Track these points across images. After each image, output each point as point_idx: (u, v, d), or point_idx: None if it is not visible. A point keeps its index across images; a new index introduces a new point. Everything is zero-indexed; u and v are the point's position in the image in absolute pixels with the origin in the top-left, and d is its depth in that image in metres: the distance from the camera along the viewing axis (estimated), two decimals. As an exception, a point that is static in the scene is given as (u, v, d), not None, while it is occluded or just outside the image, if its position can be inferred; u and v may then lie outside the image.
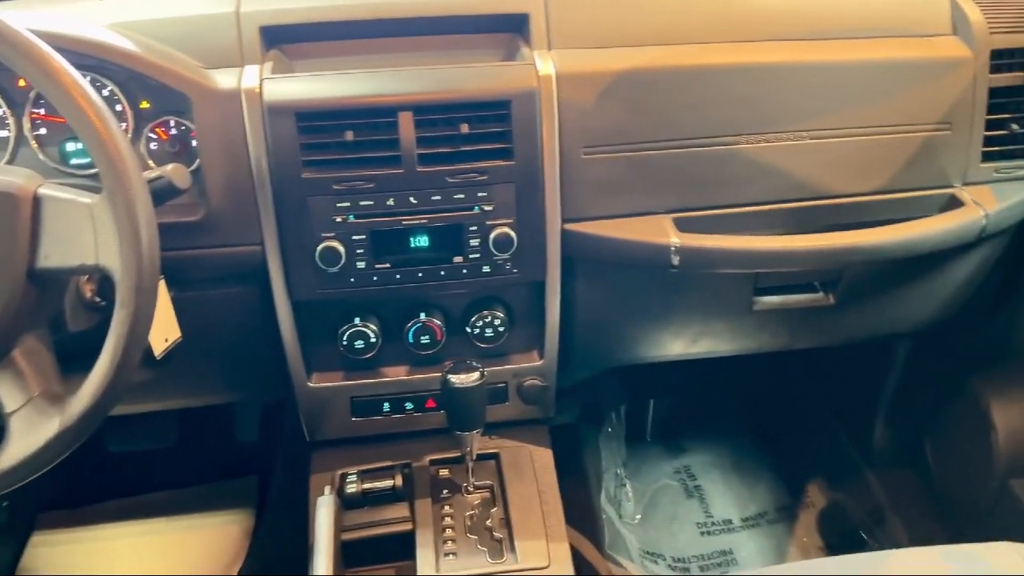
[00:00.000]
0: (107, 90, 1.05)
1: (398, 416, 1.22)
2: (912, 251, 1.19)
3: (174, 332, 1.07)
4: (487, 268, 1.11)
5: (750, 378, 1.94)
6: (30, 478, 0.83)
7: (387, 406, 1.21)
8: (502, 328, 1.17)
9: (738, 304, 1.27)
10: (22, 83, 1.06)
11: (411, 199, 1.05)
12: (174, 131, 1.08)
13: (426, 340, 1.16)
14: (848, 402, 1.81)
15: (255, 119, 1.02)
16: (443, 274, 1.10)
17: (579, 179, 1.11)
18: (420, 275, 1.10)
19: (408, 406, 1.21)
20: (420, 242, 1.08)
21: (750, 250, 1.15)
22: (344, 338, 1.13)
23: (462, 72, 1.06)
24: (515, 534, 1.10)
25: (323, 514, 1.06)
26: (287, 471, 1.65)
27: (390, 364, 1.20)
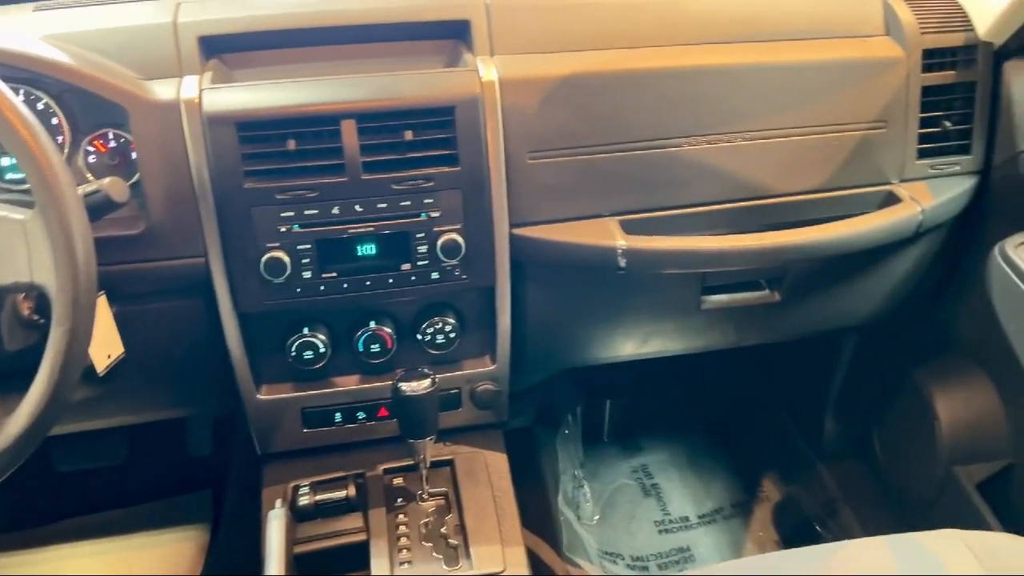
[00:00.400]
0: (42, 103, 1.03)
1: (350, 426, 1.21)
2: (852, 247, 1.22)
3: (117, 348, 1.05)
4: (436, 275, 1.11)
5: (704, 376, 1.97)
6: None
7: (339, 416, 1.20)
8: (453, 334, 1.17)
9: (686, 303, 1.29)
10: None
11: (356, 207, 1.05)
12: (113, 143, 1.06)
13: (376, 348, 1.15)
14: (799, 397, 1.84)
15: (195, 130, 1.00)
16: (391, 282, 1.10)
17: (525, 184, 1.12)
18: (368, 283, 1.09)
19: (360, 415, 1.20)
20: (367, 250, 1.08)
21: (695, 250, 1.16)
22: (293, 349, 1.12)
23: (405, 79, 1.06)
24: (470, 540, 1.10)
25: (274, 528, 1.04)
26: (241, 484, 1.63)
27: (341, 374, 1.19)
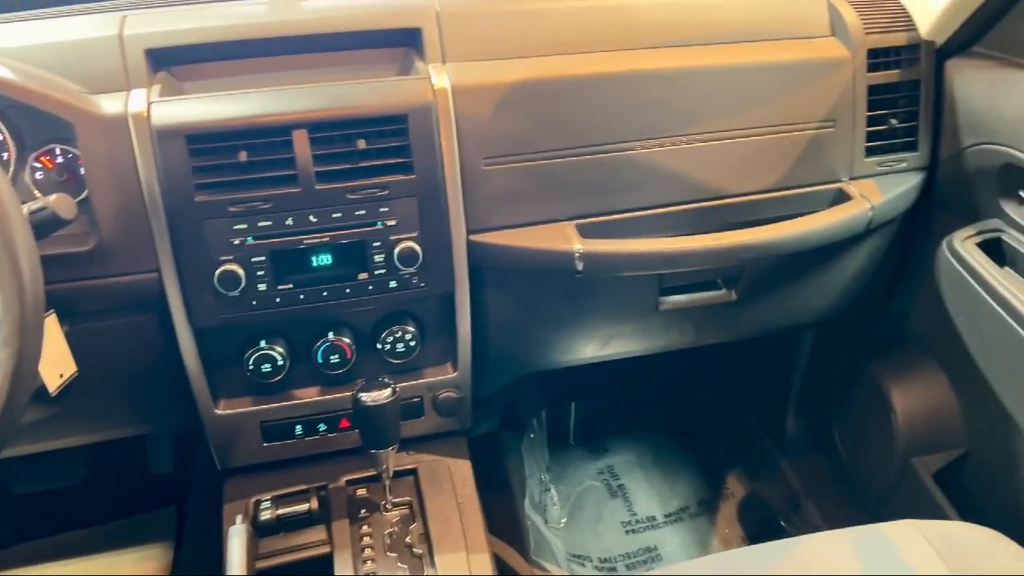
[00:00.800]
0: None
1: (311, 438, 1.20)
2: (805, 245, 1.23)
3: (69, 367, 1.04)
4: (394, 283, 1.10)
5: (668, 376, 1.98)
6: None
7: (299, 429, 1.19)
8: (413, 343, 1.16)
9: (645, 305, 1.30)
10: None
11: (311, 217, 1.04)
12: (60, 159, 1.04)
13: (336, 359, 1.14)
14: (761, 395, 1.86)
15: (144, 144, 0.99)
16: (349, 292, 1.09)
17: (481, 190, 1.12)
18: (325, 294, 1.08)
19: (321, 427, 1.19)
20: (323, 260, 1.07)
21: (651, 252, 1.17)
22: (250, 362, 1.10)
23: (356, 88, 1.06)
24: (435, 548, 1.09)
25: (235, 544, 1.03)
26: (203, 500, 1.61)
27: (300, 386, 1.18)
